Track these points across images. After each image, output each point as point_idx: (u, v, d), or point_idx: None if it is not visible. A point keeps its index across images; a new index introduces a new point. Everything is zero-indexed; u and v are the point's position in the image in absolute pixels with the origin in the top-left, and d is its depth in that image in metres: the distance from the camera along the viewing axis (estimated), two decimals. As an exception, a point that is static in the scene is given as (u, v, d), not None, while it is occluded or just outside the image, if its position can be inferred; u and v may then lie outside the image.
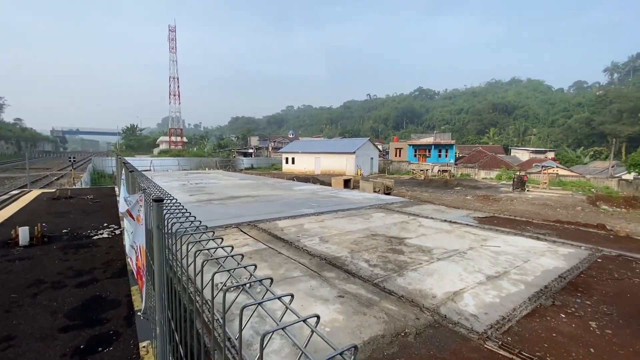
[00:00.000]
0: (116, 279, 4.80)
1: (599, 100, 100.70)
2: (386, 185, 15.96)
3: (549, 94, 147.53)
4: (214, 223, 8.03)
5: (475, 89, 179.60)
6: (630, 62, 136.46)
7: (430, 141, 42.28)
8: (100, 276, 4.91)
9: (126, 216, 3.23)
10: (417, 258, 5.70)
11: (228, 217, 8.79)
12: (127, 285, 4.57)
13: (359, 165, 33.06)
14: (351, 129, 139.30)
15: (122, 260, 5.54)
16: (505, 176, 30.15)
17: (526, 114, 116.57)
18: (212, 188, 15.72)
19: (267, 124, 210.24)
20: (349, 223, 8.44)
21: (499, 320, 3.61)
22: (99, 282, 4.67)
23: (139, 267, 2.77)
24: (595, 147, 67.27)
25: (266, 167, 44.65)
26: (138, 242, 2.66)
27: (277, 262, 5.41)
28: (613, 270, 5.33)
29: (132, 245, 3.00)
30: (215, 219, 8.59)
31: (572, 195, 18.85)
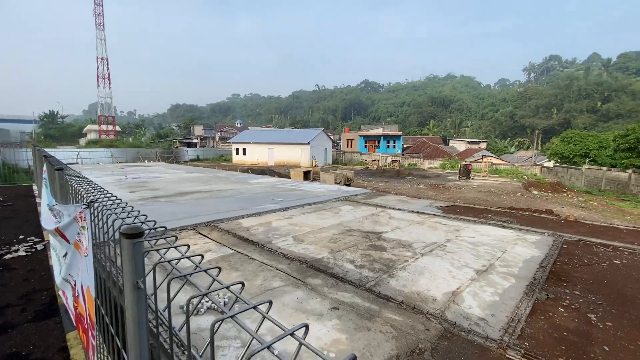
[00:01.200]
0: (42, 322, 3.51)
1: (520, 96, 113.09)
2: (347, 176, 15.75)
3: (479, 89, 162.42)
4: (164, 225, 6.86)
5: (415, 83, 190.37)
6: (544, 63, 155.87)
7: (380, 132, 43.54)
8: (17, 319, 3.57)
9: (54, 235, 2.25)
10: (401, 254, 5.38)
11: (181, 217, 7.65)
12: (60, 332, 3.37)
13: (314, 156, 32.66)
14: (301, 120, 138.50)
15: (50, 290, 4.27)
16: (448, 165, 32.23)
17: (460, 107, 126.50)
18: (156, 183, 13.98)
19: (212, 113, 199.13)
20: (320, 218, 7.90)
21: (509, 322, 3.37)
22: (15, 330, 3.37)
23: (80, 314, 1.88)
24: (518, 138, 75.77)
25: (214, 158, 41.93)
26: (78, 280, 1.78)
27: (250, 271, 4.65)
28: (581, 256, 5.58)
29: (67, 280, 2.06)
30: (165, 220, 7.39)
31: (510, 182, 20.70)
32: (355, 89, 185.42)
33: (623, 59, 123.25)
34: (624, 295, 4.19)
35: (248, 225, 7.17)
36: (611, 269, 5.03)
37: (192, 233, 6.57)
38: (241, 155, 37.15)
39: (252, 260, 5.09)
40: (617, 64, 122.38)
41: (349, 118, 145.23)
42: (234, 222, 7.45)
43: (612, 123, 74.87)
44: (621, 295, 4.17)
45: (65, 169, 2.76)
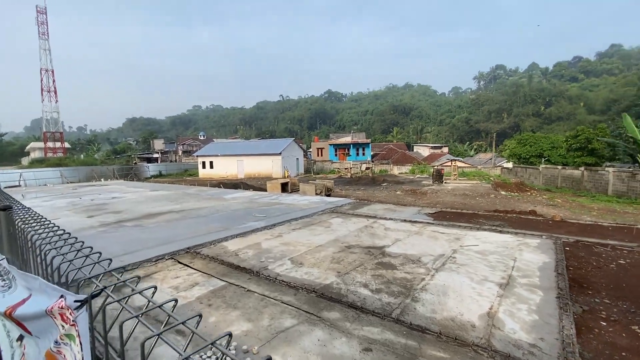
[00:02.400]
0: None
1: (473, 103, 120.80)
2: (327, 186, 15.30)
3: (436, 97, 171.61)
4: (136, 256, 5.91)
5: (377, 92, 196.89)
6: (491, 72, 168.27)
7: (349, 140, 43.88)
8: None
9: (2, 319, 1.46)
10: (415, 272, 4.95)
11: (154, 245, 6.67)
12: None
13: (286, 166, 31.90)
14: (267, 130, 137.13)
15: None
16: (417, 170, 33.07)
17: (420, 114, 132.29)
18: (118, 204, 12.55)
19: (172, 126, 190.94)
20: (312, 234, 7.30)
21: (563, 347, 3.02)
22: None
23: None
24: (476, 142, 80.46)
25: (178, 173, 39.56)
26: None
27: (252, 307, 3.95)
28: (587, 259, 5.50)
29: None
30: (136, 249, 6.40)
31: (480, 185, 21.47)
32: (319, 99, 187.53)
33: (558, 68, 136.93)
34: (649, 299, 4.05)
35: (235, 248, 6.39)
36: (622, 271, 4.96)
37: (170, 263, 5.68)
38: (208, 169, 35.37)
39: (250, 293, 4.37)
40: (554, 72, 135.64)
41: (315, 127, 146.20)
42: (218, 246, 6.63)
43: (554, 125, 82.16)
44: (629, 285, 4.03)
45: (15, 209, 2.00)
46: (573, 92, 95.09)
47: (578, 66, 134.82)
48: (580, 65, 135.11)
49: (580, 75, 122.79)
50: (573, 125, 74.95)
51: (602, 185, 21.29)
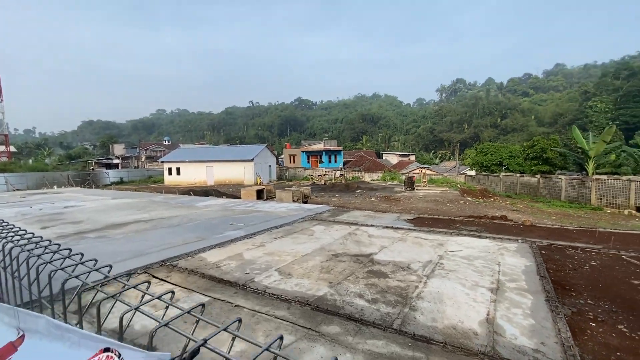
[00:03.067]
0: None
1: (436, 114, 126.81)
2: (304, 193, 15.08)
3: (402, 107, 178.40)
4: (102, 272, 5.31)
5: (346, 101, 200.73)
6: (452, 85, 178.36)
7: (321, 147, 44.07)
8: None
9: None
10: (407, 279, 4.90)
11: (124, 259, 6.09)
12: None
13: (258, 172, 31.20)
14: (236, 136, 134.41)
15: None
16: (388, 177, 33.90)
17: (388, 123, 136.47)
18: (76, 213, 11.46)
19: (134, 130, 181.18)
20: (296, 243, 7.07)
21: (564, 350, 3.06)
22: None
23: None
24: (441, 151, 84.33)
25: (141, 180, 37.25)
26: None
27: (244, 324, 3.64)
28: (563, 261, 5.79)
29: None
30: (101, 264, 5.76)
31: (449, 191, 22.37)
32: (289, 106, 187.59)
33: (512, 83, 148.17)
34: (624, 298, 4.29)
35: (215, 260, 6.00)
36: (595, 272, 5.26)
37: (144, 278, 5.18)
38: (175, 176, 33.67)
39: (238, 308, 4.06)
40: (508, 87, 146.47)
41: (285, 134, 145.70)
42: (196, 257, 6.19)
43: (509, 136, 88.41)
44: (622, 298, 4.26)
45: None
46: (525, 106, 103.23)
47: (528, 82, 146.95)
48: (530, 81, 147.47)
49: (530, 90, 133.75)
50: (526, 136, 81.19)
51: (556, 191, 23.05)
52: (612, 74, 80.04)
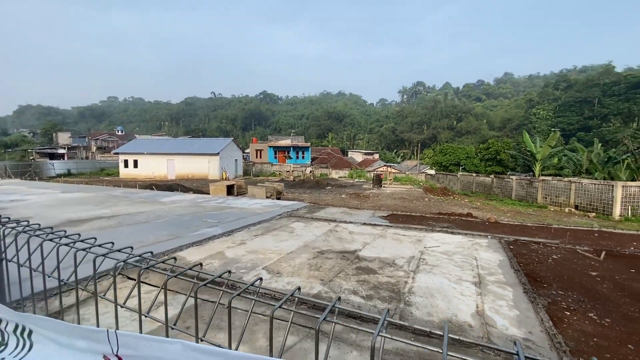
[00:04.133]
0: None
1: (398, 114, 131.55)
2: (277, 189, 14.82)
3: (366, 106, 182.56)
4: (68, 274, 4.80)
5: (312, 97, 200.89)
6: (413, 87, 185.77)
7: (289, 143, 43.66)
8: None
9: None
10: (395, 275, 5.02)
11: (88, 259, 5.51)
12: None
13: (224, 167, 30.08)
14: (196, 128, 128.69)
15: None
16: (355, 175, 34.58)
17: (352, 122, 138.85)
18: (22, 209, 10.22)
19: (81, 117, 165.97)
20: (278, 240, 6.93)
21: (550, 338, 3.33)
22: None
23: None
24: (402, 150, 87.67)
25: (93, 172, 34.17)
26: None
27: (239, 326, 3.47)
28: (529, 255, 6.29)
29: None
30: (65, 265, 5.20)
31: (414, 189, 23.35)
32: (254, 99, 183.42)
33: (467, 88, 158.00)
34: (587, 288, 4.78)
35: (195, 259, 5.69)
36: (558, 265, 5.79)
37: (119, 280, 4.76)
38: (131, 169, 31.33)
39: (232, 310, 3.87)
40: (463, 92, 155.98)
41: (249, 128, 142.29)
42: (173, 256, 5.81)
43: (464, 138, 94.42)
44: (585, 289, 4.74)
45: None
46: (478, 110, 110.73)
47: (481, 88, 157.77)
48: (483, 87, 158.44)
49: (483, 96, 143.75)
50: (479, 138, 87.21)
51: (507, 190, 25.03)
52: (552, 85, 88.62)
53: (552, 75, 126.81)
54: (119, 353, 0.81)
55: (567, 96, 77.62)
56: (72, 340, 0.90)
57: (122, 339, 0.82)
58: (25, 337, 1.04)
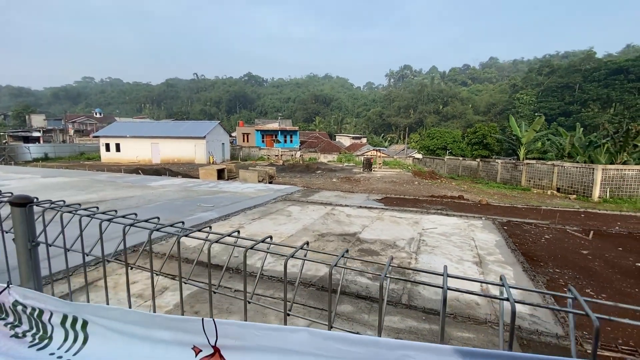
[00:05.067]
0: None
1: (385, 98, 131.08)
2: (269, 173, 14.62)
3: (353, 90, 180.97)
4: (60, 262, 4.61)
5: (298, 80, 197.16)
6: (400, 71, 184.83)
7: (277, 127, 42.95)
8: None
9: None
10: (398, 256, 5.07)
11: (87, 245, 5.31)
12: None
13: (211, 151, 29.39)
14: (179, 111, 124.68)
15: None
16: (344, 159, 34.54)
17: (339, 106, 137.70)
18: (1, 194, 9.70)
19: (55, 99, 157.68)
20: (277, 224, 6.87)
21: (553, 313, 3.45)
22: None
23: None
24: (390, 134, 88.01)
25: (72, 156, 32.72)
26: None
27: (250, 310, 3.46)
28: (523, 235, 6.48)
29: None
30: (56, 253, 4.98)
31: (403, 173, 23.56)
32: (239, 81, 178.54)
33: (453, 72, 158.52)
34: (580, 266, 4.97)
35: (194, 244, 5.58)
36: (551, 244, 5.99)
37: (118, 266, 4.64)
38: (113, 152, 30.18)
39: (240, 293, 3.83)
40: (449, 76, 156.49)
41: (234, 111, 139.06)
42: (170, 241, 5.70)
43: (450, 122, 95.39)
44: (579, 266, 4.93)
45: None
46: (464, 95, 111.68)
47: (467, 73, 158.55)
48: (468, 72, 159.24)
49: (468, 80, 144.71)
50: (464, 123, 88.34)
51: (492, 174, 25.63)
52: (536, 70, 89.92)
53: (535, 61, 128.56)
54: (218, 344, 0.74)
55: (549, 81, 79.14)
56: (150, 332, 0.82)
57: (222, 327, 0.74)
58: (77, 329, 0.94)
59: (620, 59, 77.21)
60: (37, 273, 1.28)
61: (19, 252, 1.25)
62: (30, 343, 0.99)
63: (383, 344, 0.63)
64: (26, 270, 1.28)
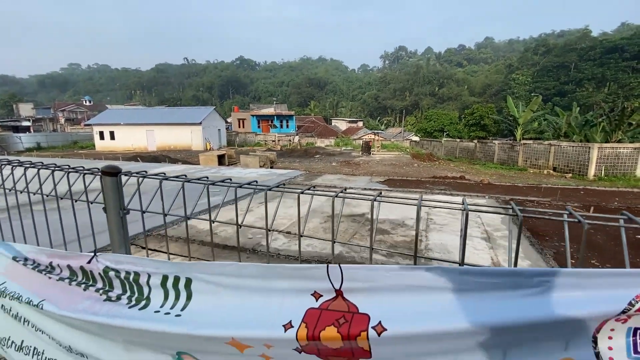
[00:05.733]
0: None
1: (381, 80, 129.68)
2: (270, 158, 14.62)
3: (347, 72, 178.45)
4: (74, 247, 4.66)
5: (291, 63, 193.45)
6: (395, 52, 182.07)
7: (272, 112, 42.50)
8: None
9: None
10: (408, 234, 5.22)
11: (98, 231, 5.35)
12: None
13: (207, 137, 29.11)
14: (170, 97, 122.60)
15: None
16: (342, 143, 34.53)
17: (334, 89, 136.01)
18: (2, 184, 9.61)
19: (41, 87, 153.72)
20: (285, 207, 6.93)
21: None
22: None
23: None
24: (386, 117, 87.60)
25: (65, 145, 32.22)
26: None
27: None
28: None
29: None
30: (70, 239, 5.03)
31: (402, 155, 23.68)
32: (230, 65, 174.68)
33: (448, 53, 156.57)
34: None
35: (207, 227, 5.63)
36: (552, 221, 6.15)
37: (133, 250, 4.69)
38: (108, 140, 29.75)
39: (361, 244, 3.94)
40: (445, 57, 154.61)
41: (227, 96, 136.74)
42: (183, 225, 5.75)
43: (445, 104, 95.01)
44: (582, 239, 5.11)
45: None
46: (460, 76, 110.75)
47: (462, 53, 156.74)
48: (464, 52, 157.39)
49: (464, 61, 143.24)
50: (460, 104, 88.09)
51: (490, 155, 25.86)
52: (532, 49, 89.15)
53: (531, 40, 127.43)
54: (343, 287, 0.81)
55: (545, 61, 78.68)
56: (268, 282, 0.89)
57: (349, 272, 0.81)
58: (180, 287, 1.01)
59: (616, 37, 76.81)
60: (127, 239, 1.34)
61: (110, 220, 1.31)
62: (127, 305, 1.06)
63: (521, 273, 0.71)
64: (118, 237, 1.34)
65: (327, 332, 0.77)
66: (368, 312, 0.77)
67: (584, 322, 0.65)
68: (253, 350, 0.87)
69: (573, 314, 0.64)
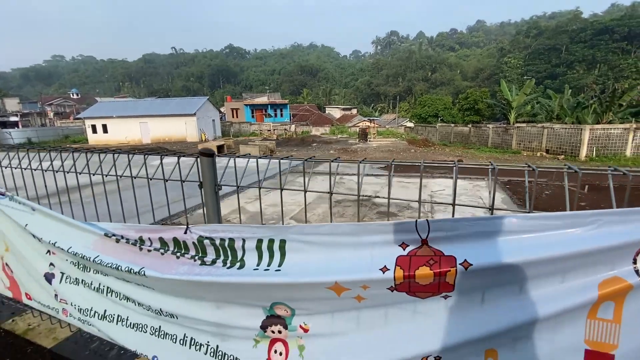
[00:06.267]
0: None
1: (373, 67, 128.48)
2: (269, 148, 14.66)
3: (339, 59, 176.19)
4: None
5: (282, 51, 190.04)
6: (387, 37, 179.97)
7: (266, 101, 42.08)
8: None
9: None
10: (415, 216, 5.39)
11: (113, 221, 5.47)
12: None
13: (202, 128, 28.85)
14: (160, 88, 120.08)
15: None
16: (337, 131, 34.50)
17: (327, 76, 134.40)
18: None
19: (25, 80, 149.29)
20: (292, 194, 7.07)
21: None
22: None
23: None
24: (378, 104, 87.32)
25: (57, 140, 31.67)
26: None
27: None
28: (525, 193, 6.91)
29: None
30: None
31: (398, 142, 23.85)
32: (220, 54, 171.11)
33: (440, 37, 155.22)
34: (580, 216, 5.43)
35: (256, 207, 5.79)
36: (552, 199, 6.45)
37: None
38: (101, 134, 29.31)
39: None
40: (437, 41, 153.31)
41: (218, 86, 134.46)
42: (195, 214, 5.91)
43: (438, 90, 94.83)
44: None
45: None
46: (452, 61, 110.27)
47: (454, 37, 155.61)
48: (456, 37, 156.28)
49: (456, 45, 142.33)
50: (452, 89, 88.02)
51: (484, 139, 26.16)
52: (524, 32, 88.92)
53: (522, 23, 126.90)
54: (429, 237, 0.98)
55: (537, 44, 78.68)
56: (360, 238, 1.05)
57: (435, 224, 0.98)
58: (274, 248, 1.16)
59: (606, 18, 76.94)
60: (219, 211, 1.51)
61: (207, 194, 1.48)
62: (224, 267, 1.22)
63: (578, 215, 0.89)
64: (212, 210, 1.50)
65: (421, 270, 0.95)
66: (453, 254, 0.95)
67: (626, 248, 0.84)
68: (349, 292, 1.04)
69: (618, 242, 0.84)
